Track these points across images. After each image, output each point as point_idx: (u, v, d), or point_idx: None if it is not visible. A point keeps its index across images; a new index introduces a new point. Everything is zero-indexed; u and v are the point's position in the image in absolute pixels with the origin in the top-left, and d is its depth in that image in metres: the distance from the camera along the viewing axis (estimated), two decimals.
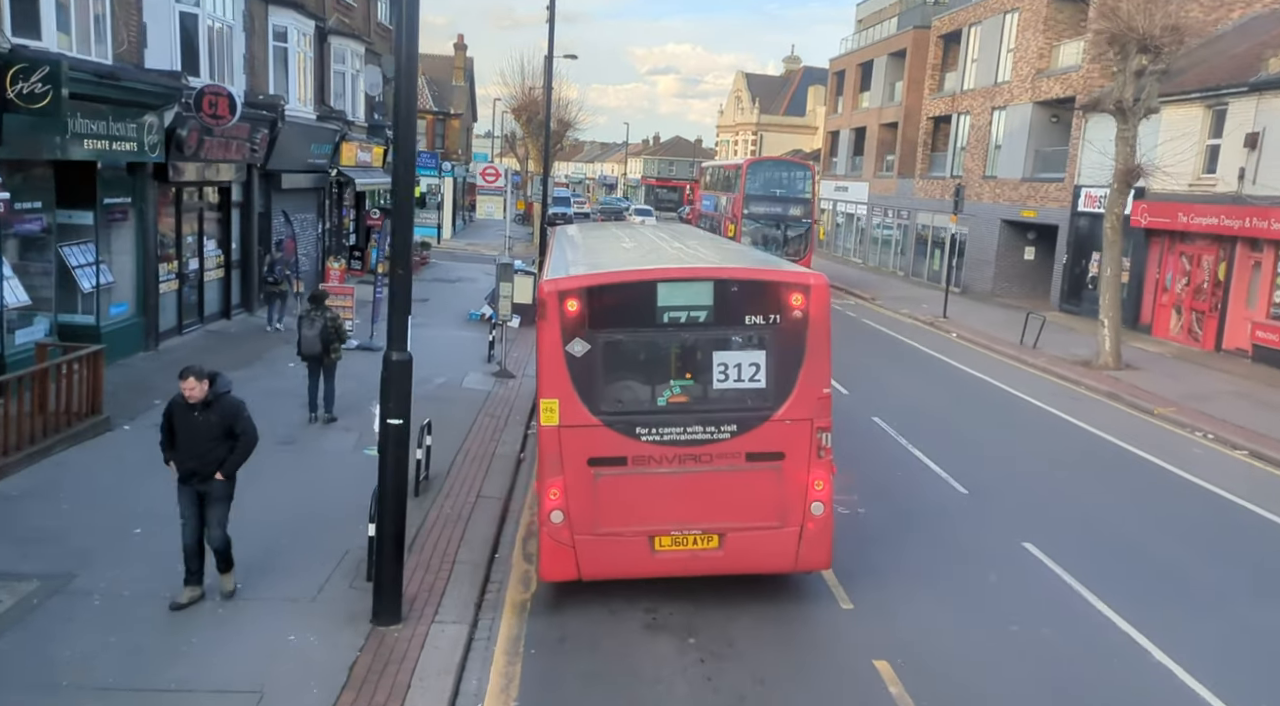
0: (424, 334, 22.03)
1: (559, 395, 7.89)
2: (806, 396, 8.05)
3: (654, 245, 10.99)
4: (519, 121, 53.44)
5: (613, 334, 7.94)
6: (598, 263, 9.10)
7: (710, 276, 8.12)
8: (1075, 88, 29.30)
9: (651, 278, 8.04)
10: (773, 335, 8.03)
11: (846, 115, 52.68)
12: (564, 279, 8.00)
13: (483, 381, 17.27)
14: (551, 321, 7.83)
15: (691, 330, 8.00)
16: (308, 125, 23.45)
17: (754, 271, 8.38)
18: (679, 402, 8.06)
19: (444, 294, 28.54)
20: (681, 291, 7.98)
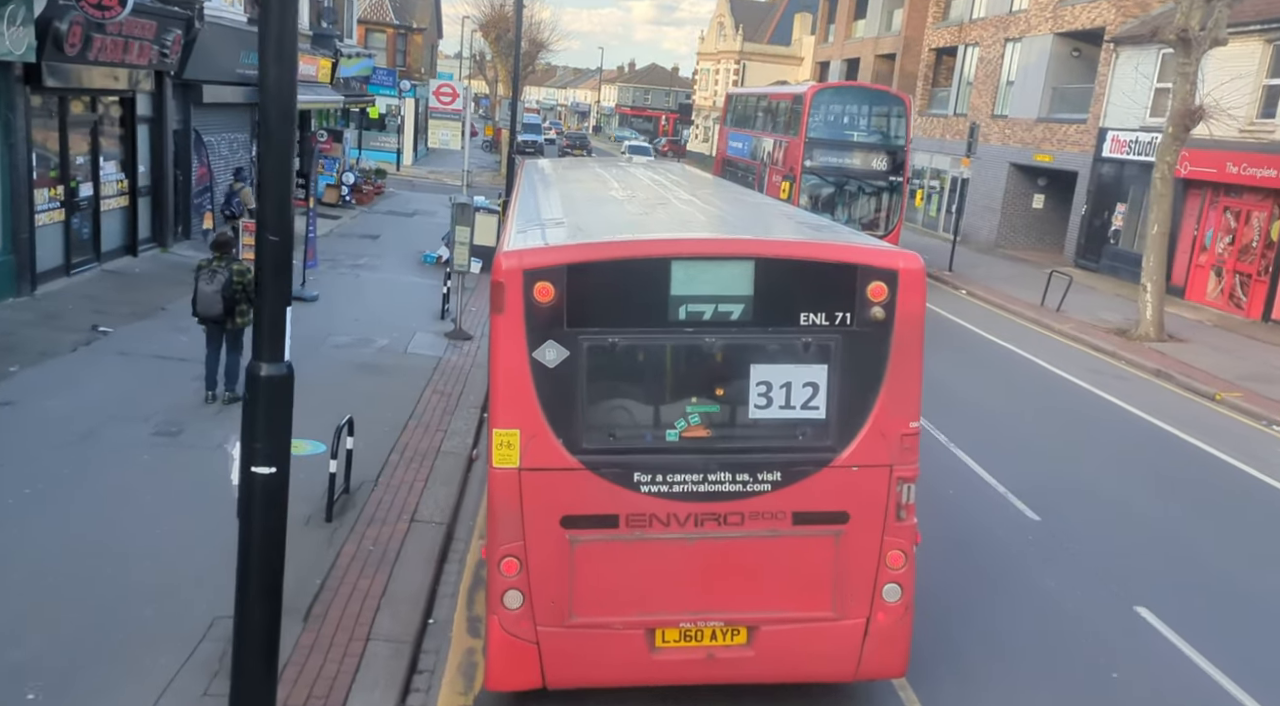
0: (369, 280, 19.16)
1: (521, 424, 5.34)
2: (885, 432, 5.56)
3: (658, 196, 8.21)
4: (488, 40, 49.68)
5: (603, 336, 5.38)
6: (581, 224, 6.46)
7: (751, 253, 5.51)
8: (1106, 18, 26.40)
9: (663, 252, 5.42)
10: (840, 343, 5.50)
11: (838, 45, 49.33)
12: (532, 250, 5.40)
13: (433, 344, 14.45)
14: (512, 315, 5.26)
15: (720, 332, 5.47)
16: (236, 28, 20.05)
17: (816, 247, 5.78)
18: (698, 438, 5.53)
19: (397, 230, 25.46)
20: (708, 274, 5.41)
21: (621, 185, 9.09)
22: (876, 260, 5.50)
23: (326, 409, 10.77)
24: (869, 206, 22.91)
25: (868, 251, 5.61)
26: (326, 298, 16.36)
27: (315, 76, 25.91)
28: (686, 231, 6.23)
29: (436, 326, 15.53)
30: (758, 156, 26.72)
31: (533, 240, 5.64)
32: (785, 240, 6.01)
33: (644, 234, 5.97)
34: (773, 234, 6.34)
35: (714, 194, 9.03)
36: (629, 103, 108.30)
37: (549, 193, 8.47)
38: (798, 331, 5.45)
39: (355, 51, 30.76)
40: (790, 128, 23.90)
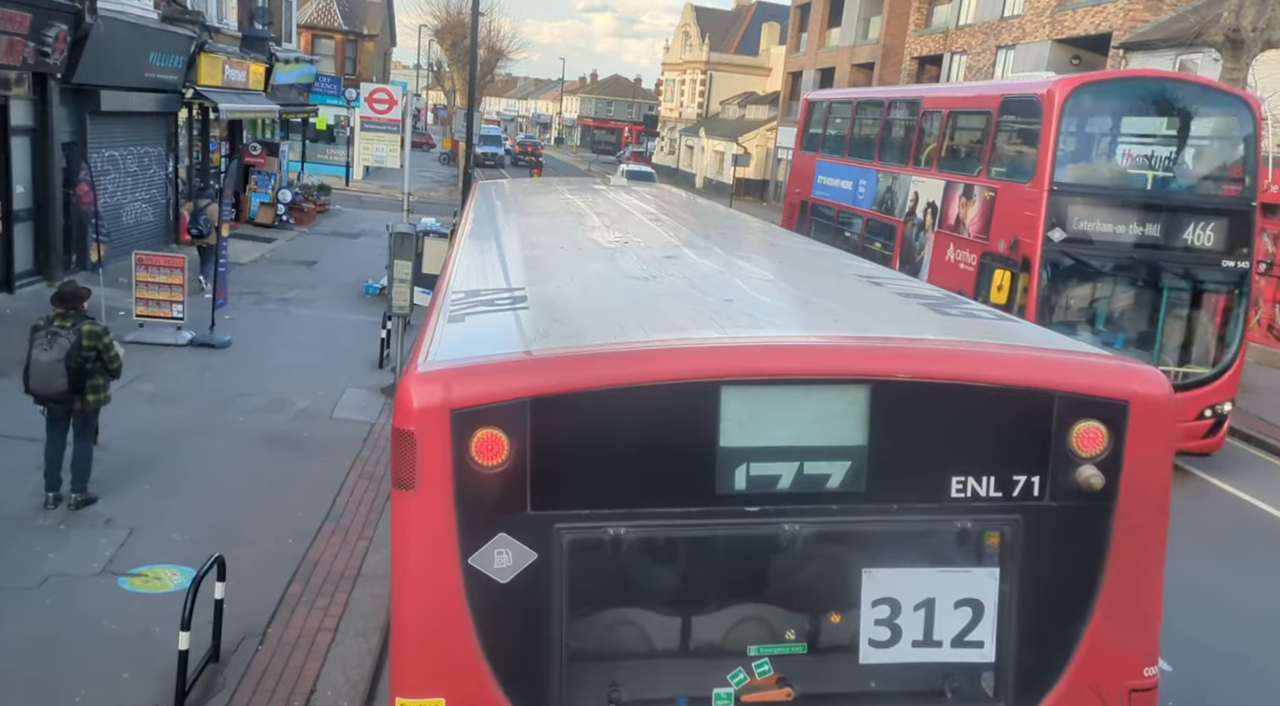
0: (298, 319, 16.34)
1: (448, 686, 3.08)
2: (1100, 686, 3.33)
3: (673, 252, 5.56)
4: (444, 46, 47.11)
5: (598, 525, 3.13)
6: (554, 303, 4.00)
7: (867, 371, 3.21)
8: (1112, 23, 24.45)
9: (708, 371, 3.13)
10: (1022, 530, 3.28)
11: (811, 54, 47.37)
12: (467, 368, 3.15)
13: (366, 405, 11.83)
14: (432, 491, 3.03)
15: (808, 514, 3.22)
16: (142, 26, 17.34)
17: (980, 357, 3.42)
18: (768, 702, 3.24)
19: (339, 254, 22.77)
20: (789, 409, 3.18)
21: (614, 228, 6.51)
22: (1091, 382, 3.24)
23: (213, 509, 8.25)
24: (1187, 320, 11.32)
25: (1074, 365, 3.38)
26: (242, 343, 13.69)
27: (245, 83, 23.18)
28: (735, 327, 3.58)
29: (373, 379, 12.91)
30: (899, 208, 14.14)
31: (469, 340, 3.45)
32: (925, 346, 3.49)
33: (665, 331, 3.45)
34: (899, 331, 3.74)
35: (750, 244, 6.41)
36: (591, 114, 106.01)
37: (506, 239, 6.03)
38: (947, 510, 3.21)
39: (294, 56, 28.05)
40: (1008, 163, 12.04)
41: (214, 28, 21.20)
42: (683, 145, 70.06)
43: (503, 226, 6.63)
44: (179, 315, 13.27)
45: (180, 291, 13.26)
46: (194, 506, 8.33)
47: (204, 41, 20.11)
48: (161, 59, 18.22)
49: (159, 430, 9.98)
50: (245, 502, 8.49)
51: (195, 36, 19.53)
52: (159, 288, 13.19)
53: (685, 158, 68.71)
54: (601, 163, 77.15)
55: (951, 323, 3.91)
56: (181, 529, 7.89)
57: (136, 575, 7.08)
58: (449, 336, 3.46)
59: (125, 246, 17.71)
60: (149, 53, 17.70)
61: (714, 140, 61.56)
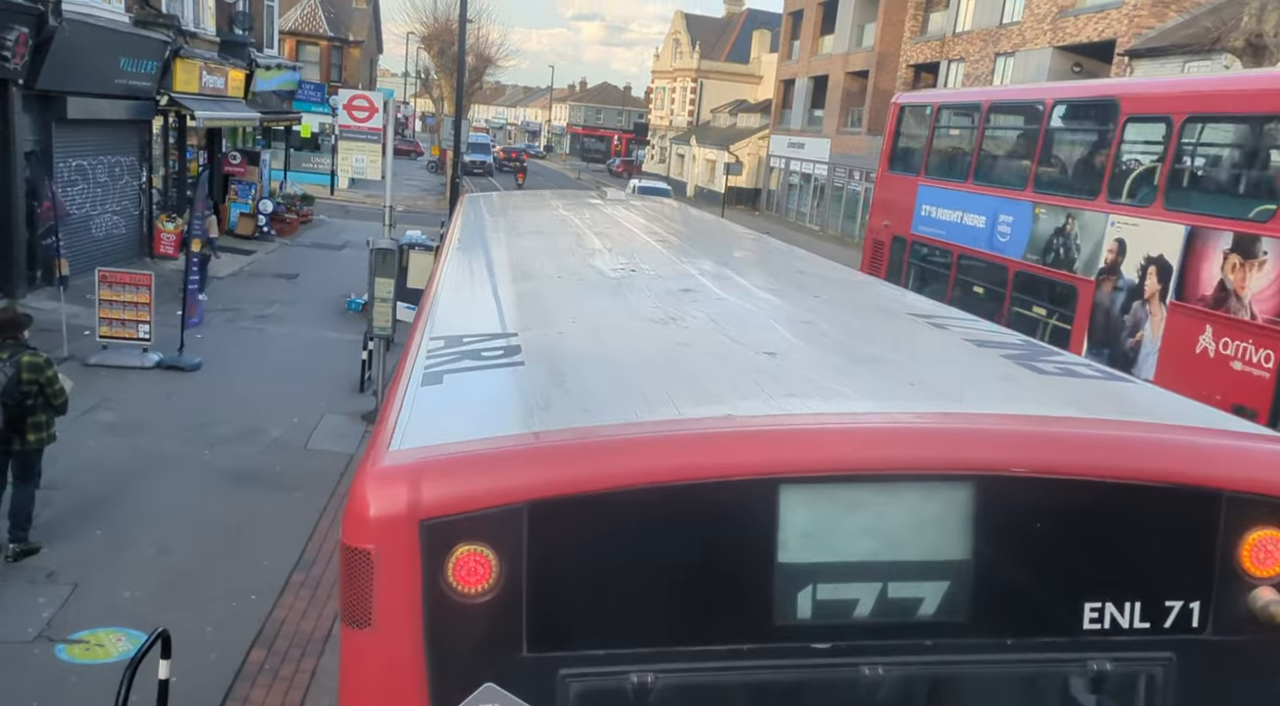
0: (275, 338, 15.44)
1: None
2: None
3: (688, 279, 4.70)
4: (431, 53, 46.43)
5: (617, 671, 2.24)
6: (552, 361, 3.03)
7: (973, 463, 2.33)
8: (1117, 29, 23.89)
9: (762, 465, 2.26)
10: (1177, 674, 2.39)
11: (804, 62, 46.81)
12: (440, 460, 2.27)
13: (344, 433, 11.04)
14: (396, 627, 2.20)
15: (896, 654, 2.32)
16: (112, 29, 16.53)
17: (1122, 442, 2.52)
18: None
19: (321, 267, 21.97)
20: (862, 514, 2.30)
21: (618, 252, 5.61)
22: (1270, 474, 2.44)
23: (169, 558, 7.48)
24: None
25: (1247, 451, 2.59)
26: (213, 365, 12.87)
27: (224, 89, 22.38)
28: (801, 399, 2.65)
29: (353, 404, 12.12)
30: (1083, 261, 9.65)
31: (446, 419, 2.59)
32: (1046, 427, 2.61)
33: (704, 403, 2.60)
34: (998, 401, 2.89)
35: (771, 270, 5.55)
36: (581, 122, 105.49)
37: (495, 266, 5.17)
38: (1077, 647, 2.39)
39: (276, 62, 27.26)
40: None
41: (190, 32, 20.41)
42: (673, 153, 69.48)
43: (491, 250, 5.80)
44: (145, 336, 12.46)
45: (147, 310, 12.44)
46: (149, 555, 7.53)
47: (179, 46, 19.31)
48: (133, 64, 17.42)
49: (116, 465, 9.17)
50: (206, 550, 7.70)
51: (170, 41, 18.74)
52: (124, 306, 12.38)
53: (676, 166, 68.11)
54: (591, 171, 76.51)
55: (1057, 385, 3.04)
56: (133, 583, 7.09)
57: (77, 642, 6.29)
58: (422, 407, 2.66)
59: (95, 261, 16.88)
60: (119, 58, 16.89)
61: (705, 148, 60.96)
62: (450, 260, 5.58)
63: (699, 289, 4.39)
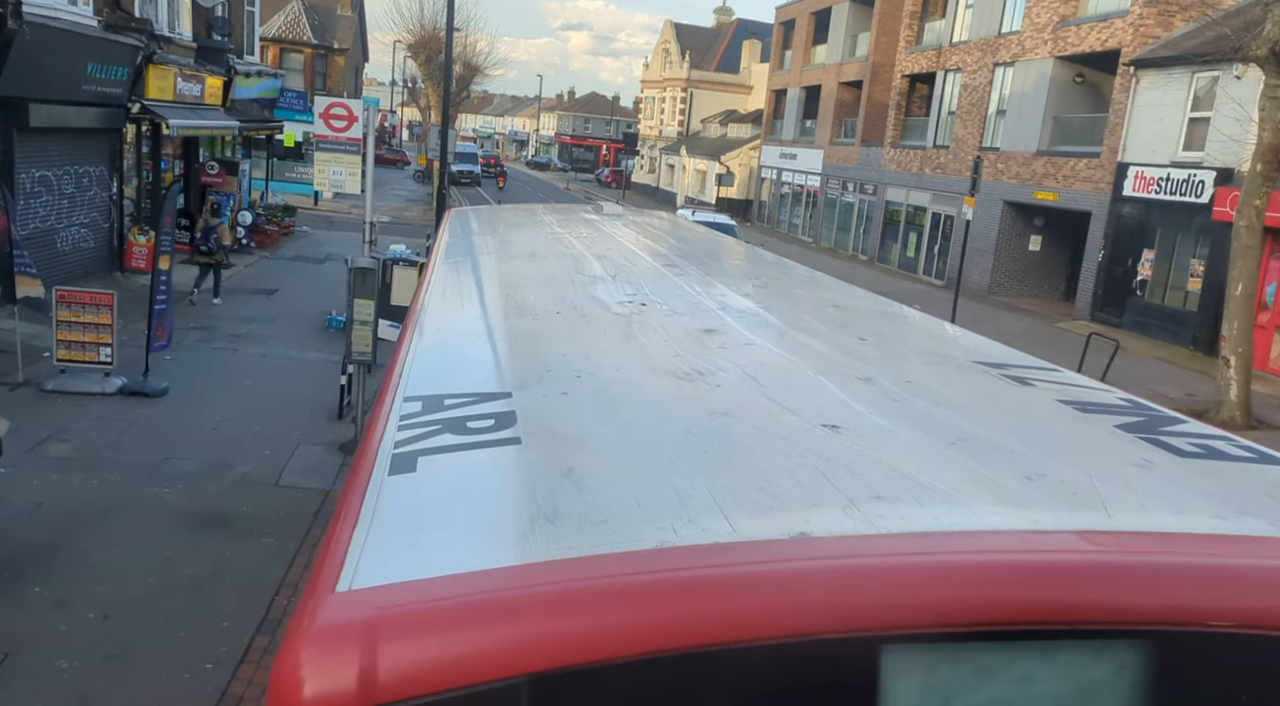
0: (249, 359, 14.43)
1: None
2: None
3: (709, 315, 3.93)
4: (417, 62, 45.71)
5: None
6: (561, 443, 2.19)
7: (1151, 616, 1.56)
8: (1121, 39, 23.34)
9: (866, 622, 1.50)
10: None
11: (796, 72, 46.28)
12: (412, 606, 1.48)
13: (320, 466, 10.22)
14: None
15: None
16: (79, 33, 15.71)
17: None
18: None
19: (302, 281, 21.13)
20: (1004, 682, 1.51)
21: (623, 279, 4.77)
22: None
23: (116, 620, 6.67)
24: None
25: None
26: (181, 390, 12.03)
27: (201, 97, 21.55)
28: (889, 503, 1.88)
29: (330, 433, 11.30)
30: None
31: (417, 537, 1.79)
32: (1248, 557, 1.80)
33: (763, 511, 1.82)
34: (1162, 513, 2.00)
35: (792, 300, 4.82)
36: (569, 131, 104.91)
37: (483, 299, 4.37)
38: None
39: (257, 69, 26.43)
40: None
41: (165, 37, 19.59)
42: (663, 164, 68.87)
43: (479, 275, 5.04)
44: (107, 359, 11.62)
45: (109, 332, 11.61)
46: (92, 616, 6.70)
47: (152, 52, 18.49)
48: (102, 70, 16.60)
49: (63, 508, 8.34)
50: (159, 609, 6.88)
51: (142, 46, 17.91)
52: (84, 328, 11.55)
53: (666, 176, 67.51)
54: (580, 181, 75.85)
55: (1216, 476, 2.32)
56: (72, 652, 6.27)
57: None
58: (387, 513, 1.92)
59: (60, 276, 16.04)
60: (87, 63, 16.07)
61: (695, 159, 60.38)
62: (432, 288, 4.79)
63: (723, 329, 3.66)
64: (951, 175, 30.89)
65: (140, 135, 19.89)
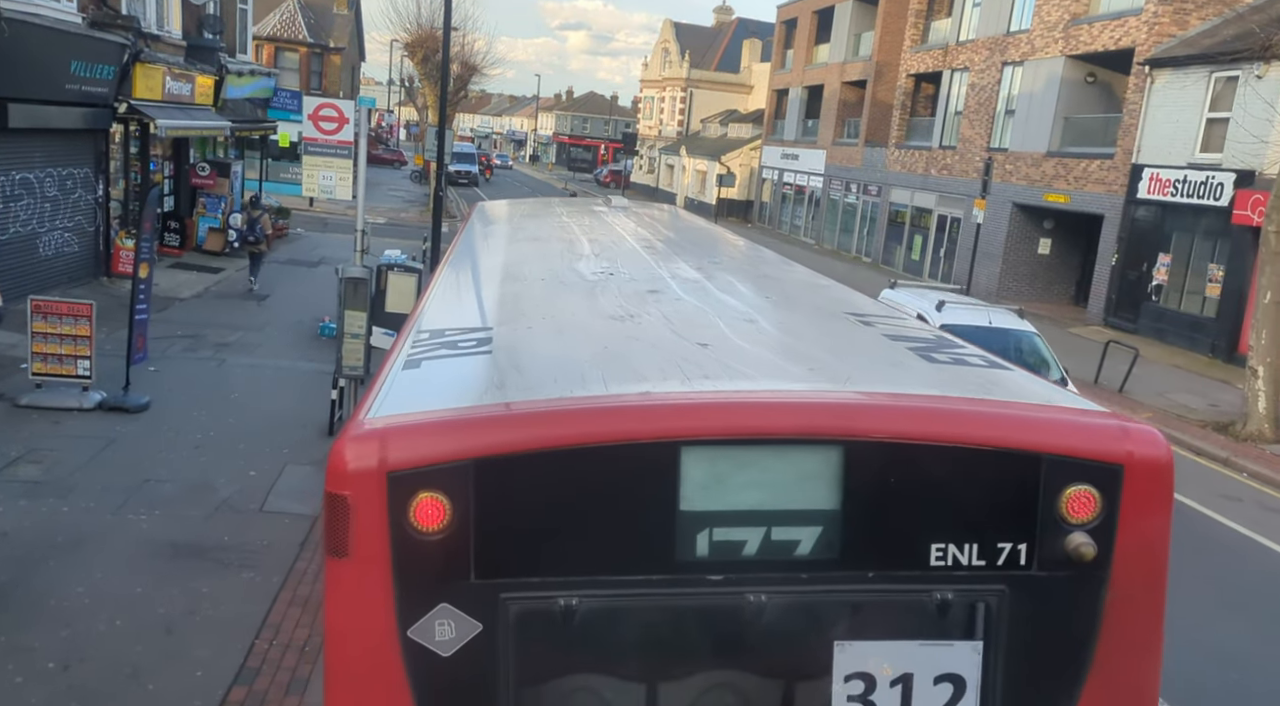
0: (236, 370, 13.58)
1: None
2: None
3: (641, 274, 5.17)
4: (414, 61, 45.10)
5: (549, 595, 2.77)
6: (517, 352, 3.49)
7: (838, 430, 2.81)
8: (1135, 38, 22.78)
9: (666, 430, 2.75)
10: (1008, 603, 2.92)
11: (798, 72, 45.71)
12: (406, 426, 2.77)
13: (308, 489, 9.64)
14: (367, 559, 2.70)
15: (777, 585, 2.84)
16: (61, 31, 15.13)
17: (962, 416, 2.95)
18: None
19: (295, 286, 20.56)
20: (750, 471, 2.80)
21: (604, 257, 5.90)
22: (1082, 443, 2.88)
23: (78, 671, 6.17)
24: None
25: (1064, 424, 2.98)
26: (163, 404, 11.45)
27: (191, 97, 20.96)
28: (702, 377, 3.13)
29: (320, 450, 10.71)
30: None
31: (418, 392, 3.08)
32: (903, 403, 3.03)
33: (625, 382, 3.05)
34: (864, 379, 3.34)
35: (739, 274, 5.65)
36: (567, 131, 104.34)
37: (487, 269, 5.56)
38: (926, 579, 2.88)
39: (250, 68, 25.83)
40: None
41: (153, 35, 19.01)
42: (662, 164, 68.30)
43: (488, 254, 6.17)
44: (85, 373, 11.04)
45: (87, 344, 11.03)
46: (52, 666, 6.14)
47: (140, 50, 17.90)
48: (87, 69, 16.00)
49: (29, 539, 7.76)
50: (126, 656, 6.31)
51: (129, 44, 17.32)
52: (61, 339, 10.96)
53: (665, 177, 66.96)
54: (578, 181, 75.19)
55: (938, 372, 3.55)
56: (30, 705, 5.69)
57: None
58: (400, 385, 3.17)
59: (42, 282, 15.49)
60: (70, 61, 15.48)
61: (695, 159, 59.81)
62: (451, 261, 6.06)
63: (664, 290, 4.72)
64: (958, 176, 30.35)
65: (128, 136, 19.30)
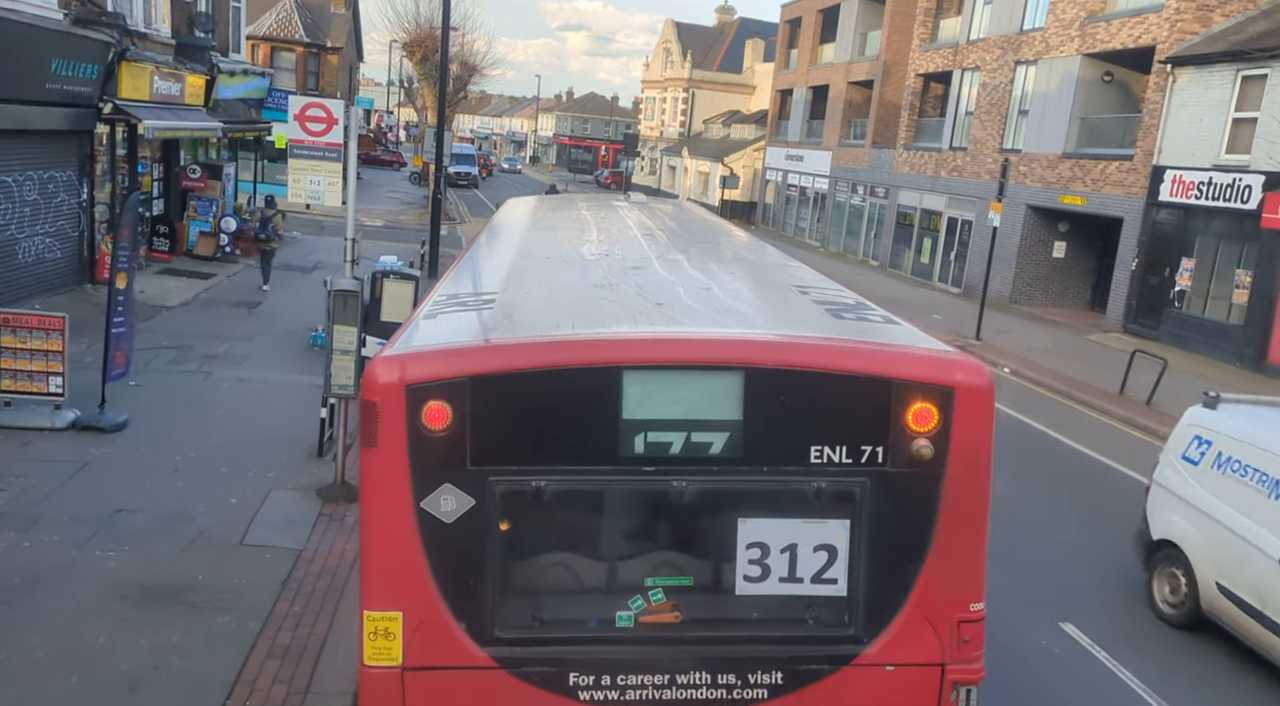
0: (222, 384, 12.82)
1: (405, 604, 3.99)
2: (933, 617, 4.13)
3: (639, 258, 6.21)
4: (413, 60, 44.43)
5: (524, 478, 4.00)
6: (513, 305, 4.79)
7: (736, 359, 4.07)
8: (1156, 35, 22.08)
9: (608, 358, 4.02)
10: (869, 489, 4.09)
11: (802, 72, 45.00)
12: (422, 353, 4.09)
13: (294, 517, 8.93)
14: (391, 450, 3.91)
15: (694, 474, 4.07)
16: (40, 27, 14.44)
17: (832, 352, 4.21)
18: (661, 624, 4.12)
19: (288, 293, 19.85)
20: (675, 390, 4.02)
21: (606, 242, 6.99)
22: (923, 371, 4.11)
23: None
24: None
25: (909, 357, 4.22)
26: (142, 423, 10.76)
27: (181, 96, 20.27)
28: (649, 324, 4.40)
29: (308, 474, 10.02)
30: None
31: (434, 333, 4.41)
32: (786, 341, 4.29)
33: (588, 327, 4.35)
34: (775, 328, 4.67)
35: (703, 251, 6.70)
36: (568, 132, 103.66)
37: (505, 250, 6.68)
38: (807, 473, 4.07)
39: (243, 68, 25.15)
40: None
41: (140, 33, 18.32)
42: (664, 165, 67.64)
43: (508, 237, 7.19)
44: (58, 390, 10.35)
45: (59, 359, 10.34)
46: None
47: (125, 48, 17.20)
48: (69, 68, 15.31)
49: None
50: None
51: (114, 43, 16.62)
52: (31, 355, 10.27)
53: (667, 178, 66.31)
54: (579, 182, 74.44)
55: (837, 324, 4.67)
56: None
57: None
58: (420, 329, 4.43)
59: (22, 289, 14.81)
60: (51, 60, 14.79)
61: (698, 160, 59.14)
62: (480, 243, 7.23)
63: (646, 267, 5.64)
64: (969, 178, 29.65)
65: (114, 137, 18.60)
